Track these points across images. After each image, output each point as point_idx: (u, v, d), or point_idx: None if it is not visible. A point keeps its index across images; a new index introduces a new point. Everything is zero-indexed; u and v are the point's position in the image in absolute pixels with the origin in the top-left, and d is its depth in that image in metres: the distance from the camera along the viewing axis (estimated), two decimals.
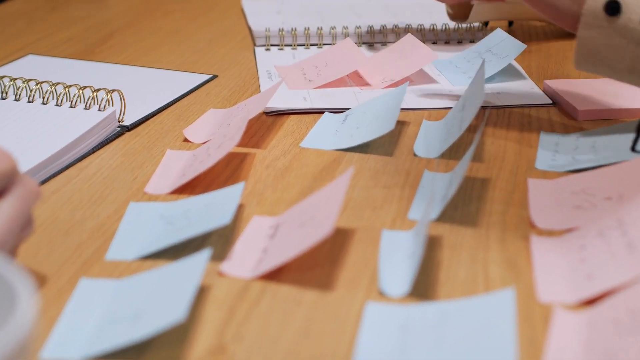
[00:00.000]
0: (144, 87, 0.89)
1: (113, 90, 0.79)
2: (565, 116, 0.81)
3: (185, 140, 0.77)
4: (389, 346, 0.47)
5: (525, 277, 0.55)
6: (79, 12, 1.22)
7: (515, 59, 0.92)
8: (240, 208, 0.64)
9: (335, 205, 0.56)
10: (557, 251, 0.57)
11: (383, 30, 1.03)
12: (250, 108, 0.78)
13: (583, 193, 0.64)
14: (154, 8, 1.25)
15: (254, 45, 1.05)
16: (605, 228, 0.57)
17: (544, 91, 0.87)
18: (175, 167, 0.71)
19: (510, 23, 1.12)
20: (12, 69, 0.96)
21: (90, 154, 0.74)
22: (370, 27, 1.03)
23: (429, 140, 0.75)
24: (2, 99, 0.81)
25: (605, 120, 0.79)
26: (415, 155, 0.73)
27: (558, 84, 0.86)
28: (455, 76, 0.91)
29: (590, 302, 0.51)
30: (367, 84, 0.89)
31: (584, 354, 0.46)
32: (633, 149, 0.66)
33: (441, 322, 0.49)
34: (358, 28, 1.03)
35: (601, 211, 0.61)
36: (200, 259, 0.52)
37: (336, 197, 0.57)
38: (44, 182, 0.68)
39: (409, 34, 0.94)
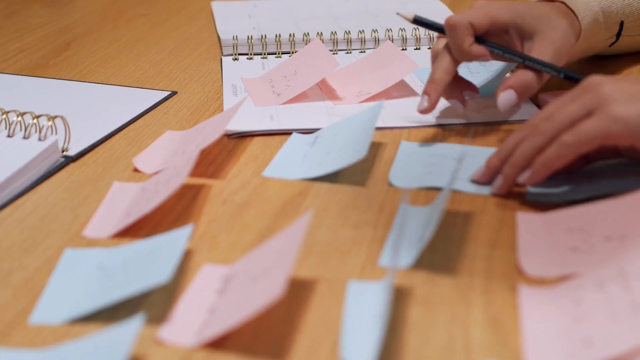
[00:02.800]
0: (95, 108, 0.81)
1: (56, 117, 0.70)
2: None
3: (136, 169, 0.69)
4: None
5: (511, 341, 0.47)
6: (37, 18, 1.13)
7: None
8: (189, 254, 0.56)
9: (287, 259, 0.48)
10: (549, 307, 0.49)
11: (361, 37, 0.95)
12: (208, 132, 0.69)
13: (580, 231, 0.56)
14: (118, 13, 1.17)
15: (222, 54, 0.96)
16: (605, 279, 0.49)
17: (538, 105, 0.78)
18: (121, 204, 0.63)
19: None
20: None
21: (28, 191, 0.65)
22: (347, 32, 0.95)
23: (406, 167, 0.67)
24: None
25: None
26: (391, 185, 0.65)
27: (556, 97, 0.77)
28: None
29: None
30: (341, 98, 0.81)
31: None
32: None
33: None
34: (334, 34, 0.95)
35: (600, 255, 0.53)
36: (131, 328, 0.45)
37: (290, 249, 0.49)
38: None
39: (388, 42, 0.86)
